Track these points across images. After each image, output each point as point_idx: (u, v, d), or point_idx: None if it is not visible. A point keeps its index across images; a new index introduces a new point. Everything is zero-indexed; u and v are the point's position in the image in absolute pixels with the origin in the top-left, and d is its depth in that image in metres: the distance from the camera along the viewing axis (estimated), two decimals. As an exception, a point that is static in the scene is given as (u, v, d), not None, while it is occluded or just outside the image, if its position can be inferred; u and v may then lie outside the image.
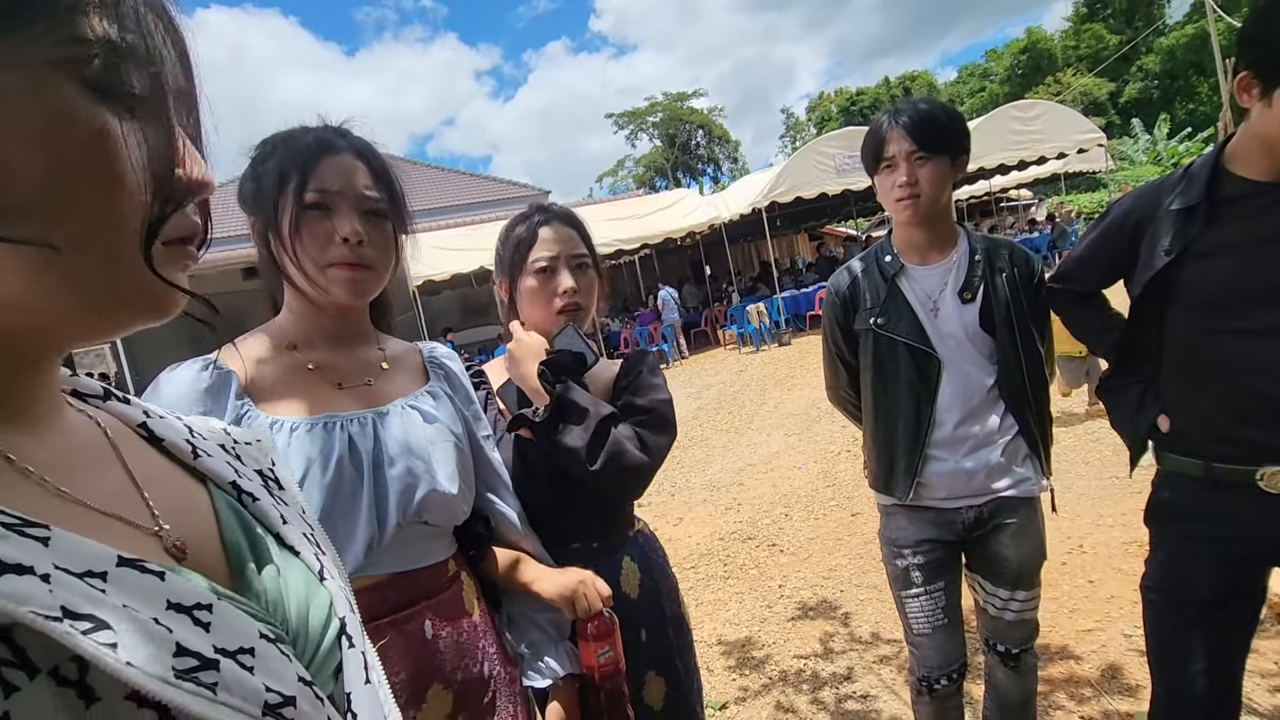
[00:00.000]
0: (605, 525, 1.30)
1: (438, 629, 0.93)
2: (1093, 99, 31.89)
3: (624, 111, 46.53)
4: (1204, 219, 1.26)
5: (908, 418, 1.58)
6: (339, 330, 0.99)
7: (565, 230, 1.29)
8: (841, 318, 1.69)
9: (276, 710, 0.37)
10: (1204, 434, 1.31)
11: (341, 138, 0.95)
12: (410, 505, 0.91)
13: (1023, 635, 1.66)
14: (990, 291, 1.54)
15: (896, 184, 1.51)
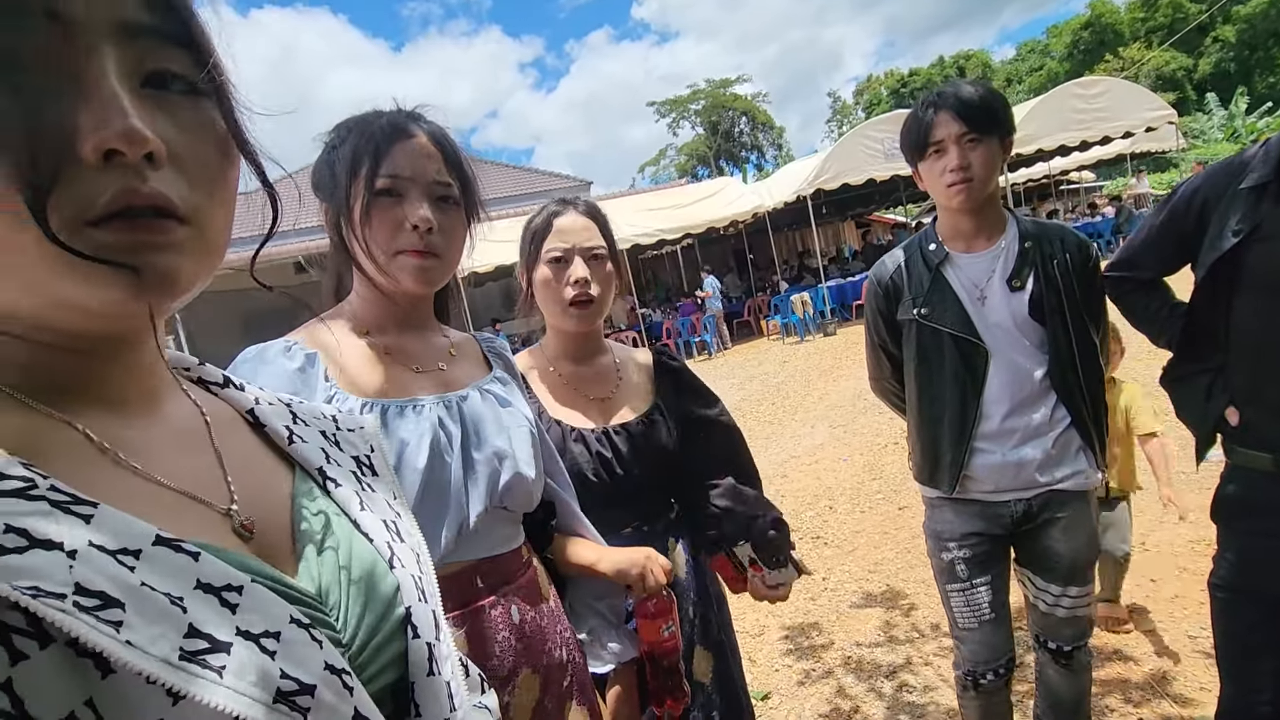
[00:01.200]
0: (651, 509, 1.33)
1: (524, 613, 0.93)
2: (1164, 74, 30.20)
3: (666, 100, 46.22)
4: (1275, 197, 1.20)
5: (953, 409, 1.55)
6: (409, 317, 0.99)
7: (581, 221, 1.29)
8: (884, 307, 1.66)
9: (289, 698, 0.36)
10: (1274, 425, 1.25)
11: (415, 122, 0.94)
12: (496, 489, 0.91)
13: (1075, 633, 1.61)
14: (1041, 279, 1.49)
15: (948, 169, 1.46)
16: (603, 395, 1.33)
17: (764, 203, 13.02)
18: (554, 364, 1.36)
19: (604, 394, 1.33)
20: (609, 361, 1.39)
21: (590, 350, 1.38)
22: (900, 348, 1.66)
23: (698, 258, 18.87)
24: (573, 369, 1.35)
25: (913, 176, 1.62)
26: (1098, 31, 36.02)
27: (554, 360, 1.36)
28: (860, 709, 2.30)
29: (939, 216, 1.62)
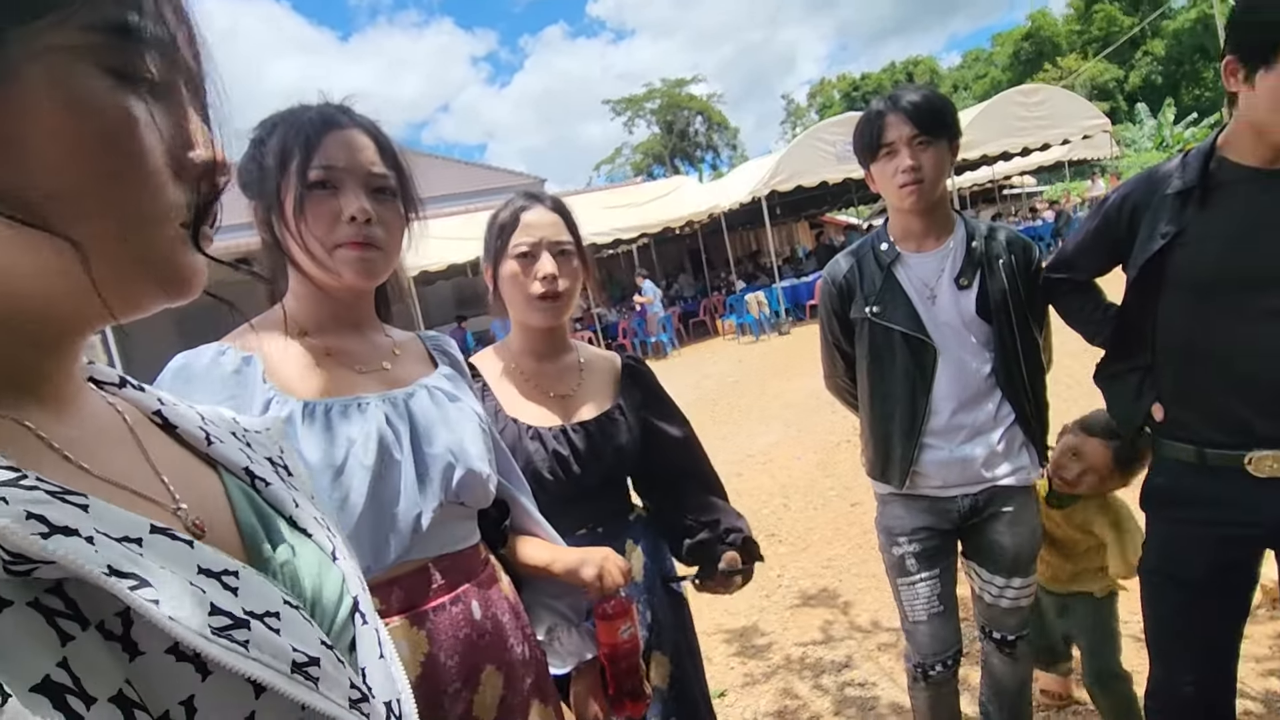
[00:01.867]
0: (609, 509, 1.32)
1: (485, 610, 0.93)
2: (1098, 85, 31.70)
3: (621, 98, 46.25)
4: (1199, 203, 1.27)
5: (904, 406, 1.58)
6: (349, 315, 0.97)
7: (549, 216, 1.28)
8: (838, 306, 1.69)
9: (303, 668, 0.39)
10: (1196, 419, 1.33)
11: (345, 114, 0.92)
12: (450, 485, 0.90)
13: (1017, 622, 1.67)
14: (987, 279, 1.54)
15: (900, 169, 1.50)
16: (564, 393, 1.32)
17: (719, 203, 13.15)
18: (516, 360, 1.34)
19: (565, 391, 1.32)
20: (573, 360, 1.38)
21: (555, 347, 1.37)
22: (853, 346, 1.69)
23: (653, 257, 18.94)
24: (535, 366, 1.34)
25: (865, 178, 1.65)
26: (1038, 42, 37.57)
27: (517, 356, 1.35)
28: (809, 705, 2.34)
29: (890, 217, 1.66)
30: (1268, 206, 1.21)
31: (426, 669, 0.84)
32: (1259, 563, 1.38)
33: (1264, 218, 1.21)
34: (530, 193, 1.32)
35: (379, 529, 0.84)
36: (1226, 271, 1.24)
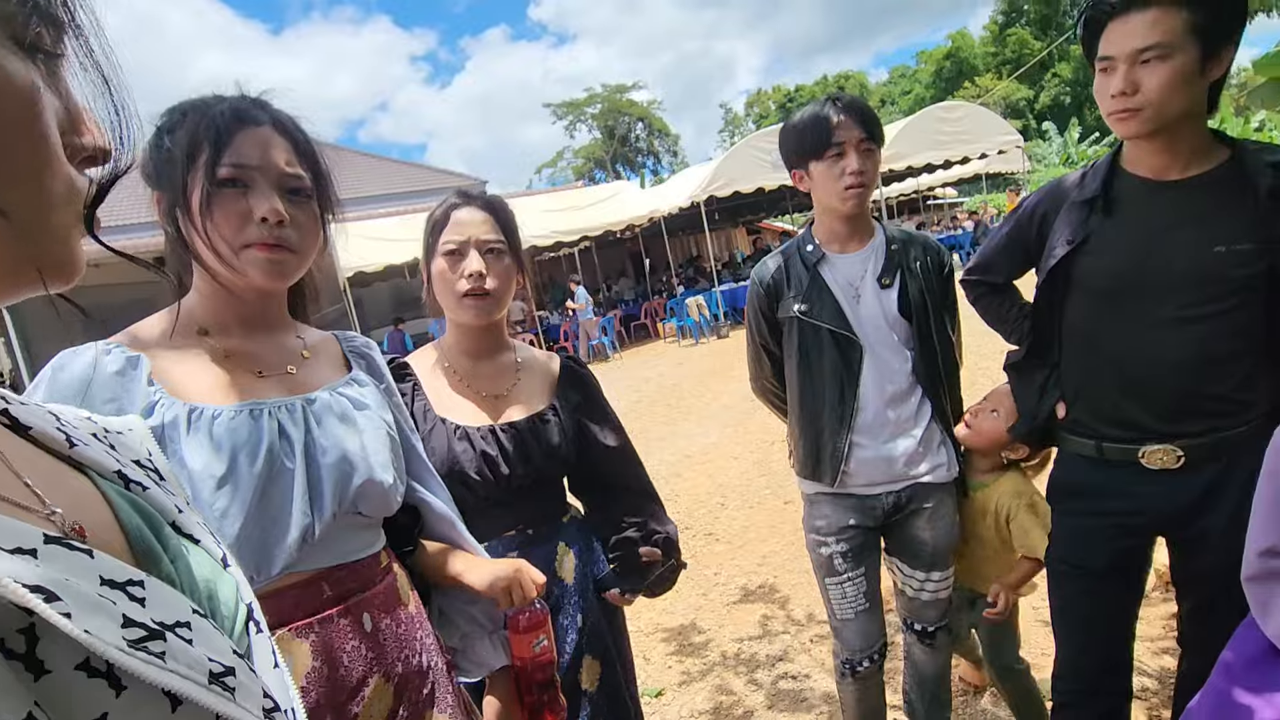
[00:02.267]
0: (540, 512, 1.31)
1: (376, 621, 0.91)
2: (1011, 104, 33.65)
3: (562, 102, 46.06)
4: (1101, 212, 1.36)
5: (833, 403, 1.62)
6: (256, 316, 0.94)
7: (479, 214, 1.27)
8: (766, 306, 1.71)
9: (220, 679, 0.38)
10: (1095, 416, 1.42)
11: (261, 109, 0.89)
12: (347, 494, 0.88)
13: (937, 614, 1.75)
14: (906, 279, 1.61)
15: (848, 171, 1.52)
16: (497, 393, 1.30)
17: (659, 207, 13.27)
18: (449, 359, 1.32)
19: (499, 391, 1.31)
20: (509, 359, 1.36)
21: (489, 346, 1.35)
22: (781, 346, 1.72)
23: (595, 261, 18.92)
24: (469, 365, 1.32)
25: (793, 177, 1.65)
26: (957, 62, 39.61)
27: (450, 355, 1.33)
28: (743, 700, 2.38)
29: (818, 220, 1.69)
30: (1159, 216, 1.31)
31: (310, 681, 0.81)
32: (1152, 548, 1.49)
33: (1157, 228, 1.31)
34: (465, 191, 1.31)
35: (264, 540, 0.81)
36: (1123, 279, 1.34)
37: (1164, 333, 1.31)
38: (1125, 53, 1.22)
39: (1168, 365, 1.31)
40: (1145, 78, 1.21)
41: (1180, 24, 1.18)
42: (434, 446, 1.19)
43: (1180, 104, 1.22)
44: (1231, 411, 1.29)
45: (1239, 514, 1.20)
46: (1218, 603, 1.33)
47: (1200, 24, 1.18)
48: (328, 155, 0.96)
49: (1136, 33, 1.20)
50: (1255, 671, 1.14)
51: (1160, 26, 1.18)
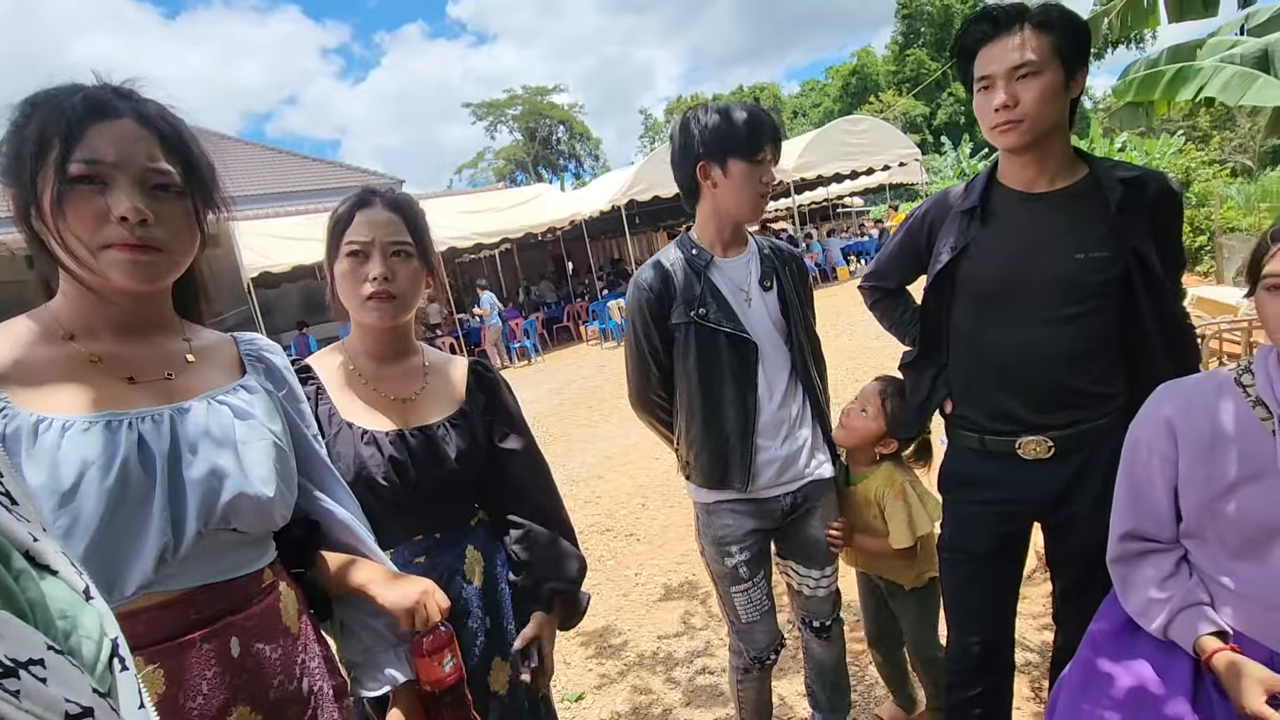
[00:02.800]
0: (447, 516, 1.29)
1: (246, 646, 0.86)
2: (910, 120, 35.69)
3: (482, 102, 45.18)
4: (980, 221, 1.47)
5: (736, 406, 1.63)
6: (129, 318, 0.88)
7: (385, 215, 1.22)
8: (655, 311, 1.65)
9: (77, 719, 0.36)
10: (979, 411, 1.53)
11: (123, 99, 0.83)
12: (214, 510, 0.83)
13: (830, 607, 1.82)
14: (779, 282, 1.67)
15: (764, 180, 1.57)
16: (405, 396, 1.27)
17: (581, 210, 13.25)
18: (355, 362, 1.27)
19: (406, 395, 1.27)
20: (417, 363, 1.32)
21: (397, 349, 1.30)
22: (670, 355, 1.68)
23: (516, 263, 18.67)
24: (375, 368, 1.27)
25: (700, 170, 1.58)
26: (862, 78, 41.65)
27: (355, 358, 1.28)
28: (662, 699, 2.41)
29: (704, 224, 1.67)
30: (1029, 226, 1.43)
31: (161, 710, 0.77)
32: (1029, 533, 1.61)
33: (1028, 236, 1.43)
34: (370, 189, 1.26)
35: (115, 559, 0.76)
36: (1000, 283, 1.45)
37: (1036, 333, 1.43)
38: (1003, 70, 1.33)
39: (1039, 363, 1.43)
40: (1023, 92, 1.32)
41: (1046, 46, 1.31)
42: (339, 452, 1.15)
43: (1052, 116, 1.35)
44: (1092, 404, 1.43)
45: (1101, 500, 1.33)
46: (1086, 581, 1.46)
47: (1060, 47, 1.31)
48: (227, 149, 0.91)
49: (1009, 53, 1.32)
50: (1118, 642, 1.26)
51: (1029, 46, 1.31)
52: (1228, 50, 4.40)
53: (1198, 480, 1.13)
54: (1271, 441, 1.06)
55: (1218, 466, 1.10)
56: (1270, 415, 1.06)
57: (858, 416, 1.79)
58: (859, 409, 1.79)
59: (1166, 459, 1.17)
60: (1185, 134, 18.55)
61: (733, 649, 1.88)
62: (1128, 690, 1.17)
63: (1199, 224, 10.47)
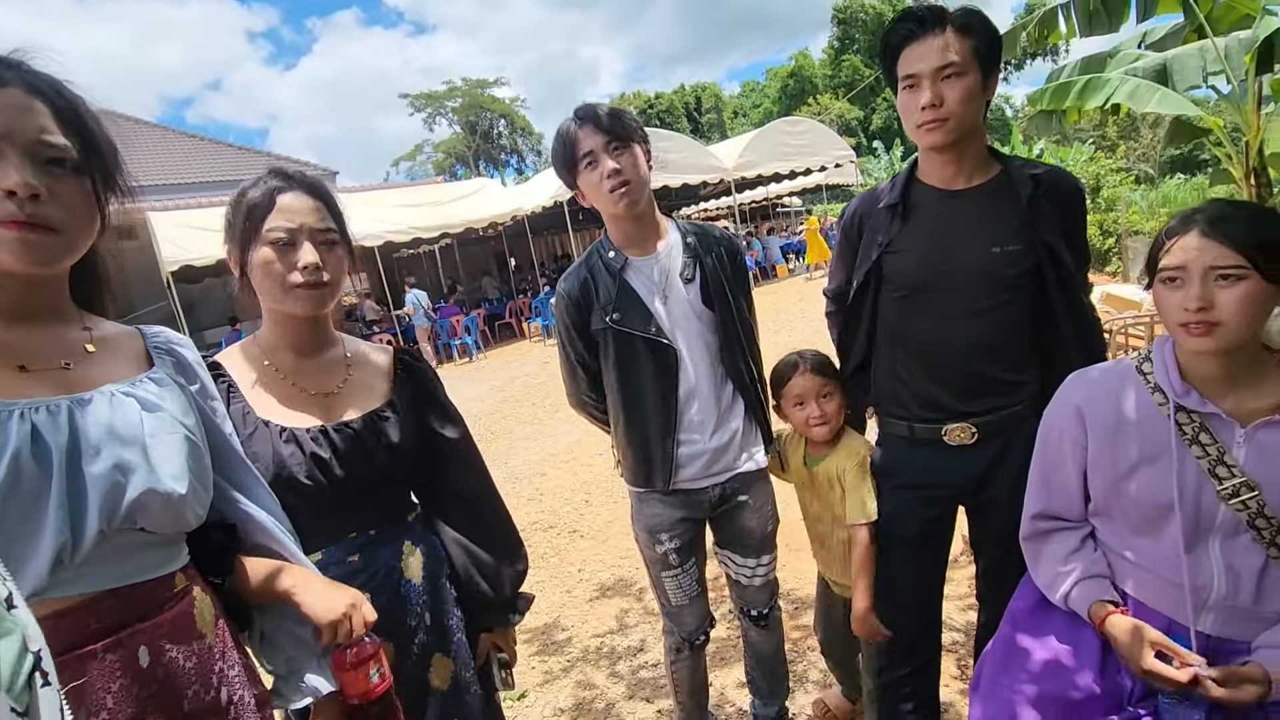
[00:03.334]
0: (382, 513, 1.25)
1: (157, 655, 0.80)
2: (845, 123, 36.79)
3: (420, 93, 44.06)
4: (902, 218, 1.53)
5: (656, 410, 1.64)
6: (20, 303, 0.82)
7: (309, 201, 1.16)
8: (576, 319, 1.67)
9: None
10: (907, 400, 1.59)
11: (9, 69, 0.77)
12: (118, 508, 0.78)
13: (768, 595, 1.87)
14: (705, 270, 1.66)
15: (605, 175, 1.54)
16: (327, 390, 1.21)
17: (523, 206, 13.08)
18: (270, 357, 1.20)
19: (328, 389, 1.21)
20: (338, 354, 1.26)
21: (317, 341, 1.24)
22: (596, 359, 1.69)
23: (456, 258, 18.28)
24: (293, 362, 1.21)
25: (577, 197, 1.67)
26: (800, 80, 42.65)
27: (270, 353, 1.20)
28: (605, 694, 2.42)
29: (609, 226, 1.68)
30: (948, 221, 1.49)
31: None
32: (955, 516, 1.68)
33: (947, 232, 1.49)
34: (283, 172, 1.19)
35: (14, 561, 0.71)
36: (921, 277, 1.51)
37: (957, 324, 1.49)
38: (929, 70, 1.38)
39: (960, 352, 1.50)
40: (947, 91, 1.38)
41: (967, 48, 1.37)
42: (256, 452, 1.09)
43: (973, 116, 1.41)
44: (1009, 392, 1.51)
45: (1018, 483, 1.40)
46: (1005, 561, 1.54)
47: (979, 50, 1.38)
48: (141, 134, 0.88)
49: (934, 53, 1.37)
50: (1034, 618, 1.34)
51: (952, 49, 1.37)
52: (1132, 64, 4.72)
53: (1104, 462, 1.21)
54: (1167, 425, 1.14)
55: (1121, 449, 1.18)
56: (1166, 401, 1.15)
57: (826, 404, 1.71)
58: (814, 401, 1.71)
59: (1077, 443, 1.24)
60: (1095, 143, 19.80)
61: (665, 630, 1.91)
62: (1043, 664, 1.24)
63: (1108, 227, 11.18)
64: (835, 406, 1.73)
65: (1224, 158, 4.80)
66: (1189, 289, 1.07)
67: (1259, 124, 4.32)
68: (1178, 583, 1.14)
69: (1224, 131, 4.65)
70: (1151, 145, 26.12)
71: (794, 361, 1.74)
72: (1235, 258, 1.04)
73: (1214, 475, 1.10)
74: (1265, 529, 1.08)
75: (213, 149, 20.69)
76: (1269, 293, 1.04)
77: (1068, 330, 1.47)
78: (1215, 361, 1.11)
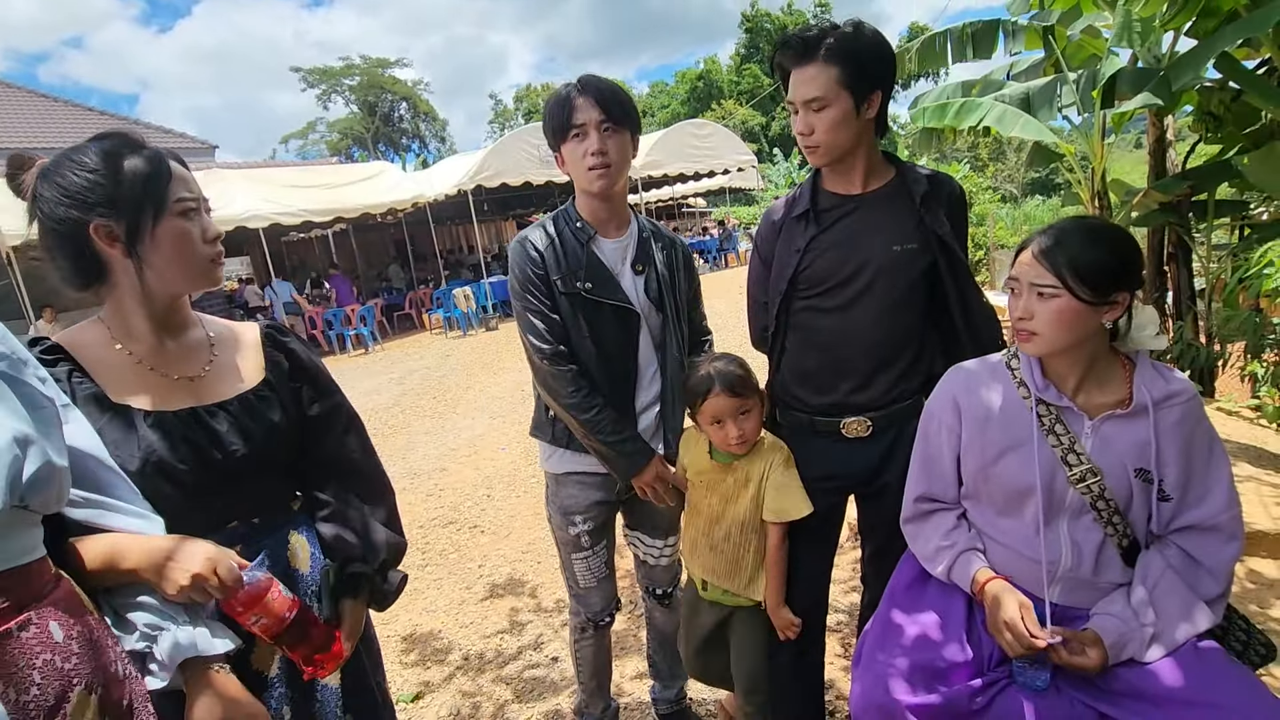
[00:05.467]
0: (266, 501, 1.17)
1: (68, 629, 0.77)
2: (748, 129, 38.06)
3: (314, 68, 41.31)
4: (814, 223, 1.60)
5: (620, 368, 1.68)
6: None
7: (186, 171, 1.11)
8: (542, 270, 1.62)
9: None
10: (811, 394, 1.67)
11: None
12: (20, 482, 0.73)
13: (671, 576, 1.93)
14: (656, 266, 1.71)
15: (589, 151, 1.55)
16: (191, 374, 1.12)
17: (425, 193, 12.58)
18: (123, 341, 1.08)
19: (193, 373, 1.12)
20: (200, 335, 1.17)
21: (177, 320, 1.13)
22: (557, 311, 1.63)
23: (352, 244, 17.35)
24: (150, 345, 1.10)
25: (555, 160, 1.66)
26: (708, 84, 43.64)
27: (123, 337, 1.09)
28: (494, 695, 2.39)
29: (578, 199, 1.69)
30: (853, 224, 1.58)
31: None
32: (845, 505, 1.78)
33: (852, 233, 1.57)
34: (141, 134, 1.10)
35: None
36: (831, 277, 1.58)
37: (860, 320, 1.58)
38: (800, 101, 1.48)
39: (863, 348, 1.59)
40: (815, 122, 1.48)
41: (833, 79, 1.44)
42: (115, 440, 0.99)
43: (845, 140, 1.50)
44: (902, 385, 1.61)
45: (906, 471, 1.51)
46: (890, 544, 1.65)
47: (847, 79, 1.45)
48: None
49: (801, 85, 1.47)
50: (910, 594, 1.44)
51: (817, 82, 1.45)
52: (999, 91, 5.18)
53: (974, 449, 1.33)
54: (1030, 416, 1.27)
55: (989, 437, 1.30)
56: (1029, 395, 1.27)
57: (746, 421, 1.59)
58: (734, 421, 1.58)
59: (952, 431, 1.36)
60: (969, 162, 21.59)
61: (571, 610, 1.93)
62: (914, 638, 1.35)
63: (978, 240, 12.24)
64: (754, 424, 1.61)
65: (1074, 182, 5.37)
66: (1019, 299, 1.23)
67: (1102, 152, 4.87)
68: (1035, 559, 1.27)
69: (1075, 158, 5.20)
70: (1016, 167, 28.80)
71: (708, 380, 1.58)
72: (1050, 278, 1.19)
73: (1065, 462, 1.24)
74: (1104, 510, 1.23)
75: (66, 111, 18.51)
76: (1081, 310, 1.18)
77: (961, 325, 1.59)
78: (1065, 361, 1.25)
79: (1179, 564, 1.21)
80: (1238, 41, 3.55)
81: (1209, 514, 1.20)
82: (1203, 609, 1.19)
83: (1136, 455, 1.21)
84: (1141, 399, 1.21)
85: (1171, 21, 4.03)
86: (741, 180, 19.77)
